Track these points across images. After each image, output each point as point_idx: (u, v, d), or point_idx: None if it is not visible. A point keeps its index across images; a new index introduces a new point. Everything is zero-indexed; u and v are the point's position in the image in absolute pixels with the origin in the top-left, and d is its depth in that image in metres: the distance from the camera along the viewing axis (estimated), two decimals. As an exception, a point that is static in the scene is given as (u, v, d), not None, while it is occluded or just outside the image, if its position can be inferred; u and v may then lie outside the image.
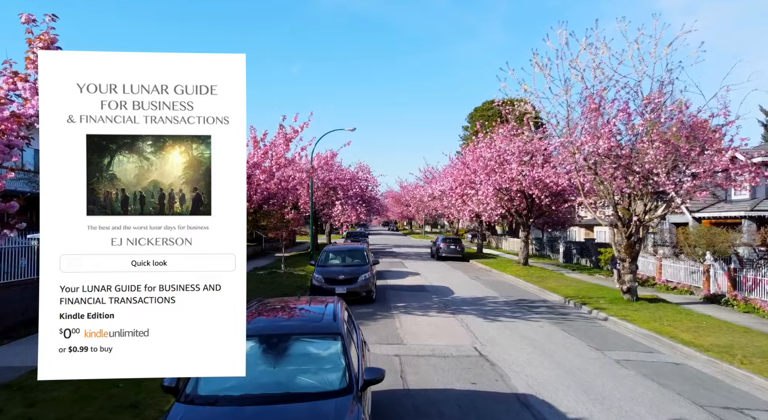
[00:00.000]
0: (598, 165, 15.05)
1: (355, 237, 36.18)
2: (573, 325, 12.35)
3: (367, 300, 14.99)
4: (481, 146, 25.35)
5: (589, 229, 44.63)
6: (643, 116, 14.17)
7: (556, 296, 16.85)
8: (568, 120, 15.87)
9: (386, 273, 23.33)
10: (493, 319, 12.77)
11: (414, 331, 11.29)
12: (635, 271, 15.23)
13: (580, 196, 16.96)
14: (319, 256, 16.32)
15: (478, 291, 18.16)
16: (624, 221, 15.32)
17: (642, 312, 13.51)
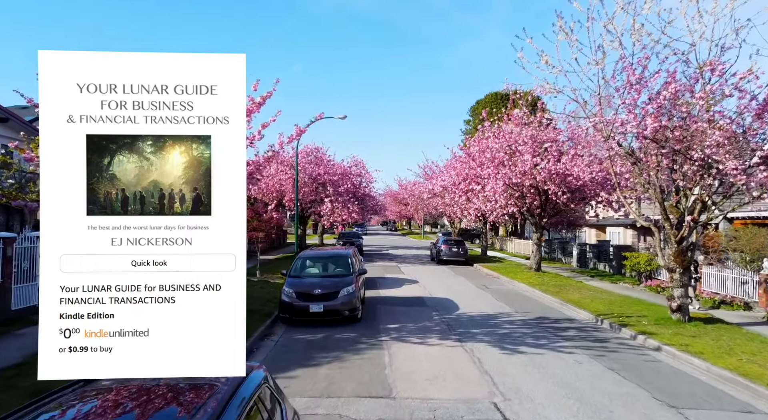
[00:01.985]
0: (644, 151, 11.98)
1: (348, 238, 33.03)
2: (619, 359, 9.30)
3: (350, 320, 11.90)
4: (488, 136, 22.26)
5: (600, 230, 41.54)
6: (704, 88, 11.09)
7: (584, 313, 13.78)
8: (600, 97, 12.79)
9: (379, 280, 20.26)
10: (512, 350, 9.71)
11: (408, 372, 8.23)
12: (687, 285, 12.16)
13: (615, 191, 13.89)
14: (292, 264, 13.18)
15: (488, 305, 15.08)
16: (672, 222, 12.25)
17: (703, 339, 10.45)
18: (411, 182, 43.11)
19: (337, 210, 26.74)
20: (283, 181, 26.91)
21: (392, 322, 12.28)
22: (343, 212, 26.77)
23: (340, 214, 26.73)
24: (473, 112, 51.24)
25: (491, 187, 21.25)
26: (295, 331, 11.21)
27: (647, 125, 11.10)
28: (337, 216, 26.88)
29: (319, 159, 28.37)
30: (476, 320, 12.69)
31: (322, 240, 41.74)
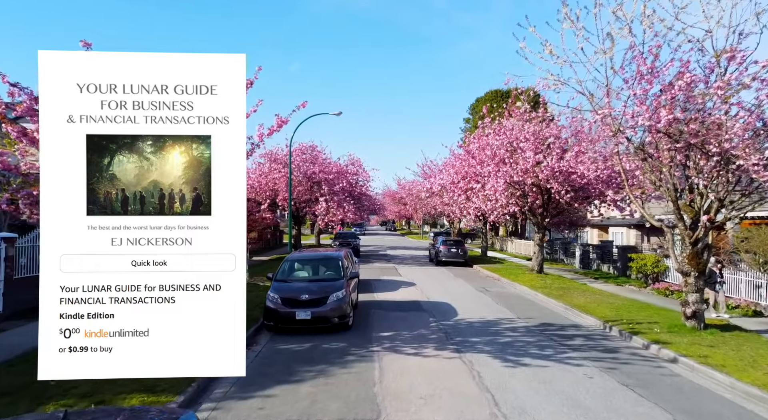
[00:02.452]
0: (655, 146, 11.14)
1: (344, 238, 32.12)
2: (633, 373, 8.46)
3: (340, 327, 11.06)
4: (488, 133, 21.41)
5: (602, 230, 40.71)
6: (721, 78, 10.25)
7: (591, 319, 12.94)
8: (608, 88, 11.95)
9: (375, 283, 19.41)
10: (515, 362, 8.87)
11: (400, 390, 7.39)
12: (703, 289, 11.30)
13: (624, 189, 13.05)
14: (279, 267, 12.31)
15: (489, 310, 14.24)
16: (686, 222, 11.41)
17: (722, 349, 9.62)
18: (410, 181, 42.30)
19: (332, 209, 25.87)
20: (277, 179, 26.03)
21: (386, 329, 11.43)
22: (339, 212, 25.89)
23: (336, 214, 25.85)
24: (473, 110, 50.37)
25: (491, 185, 20.39)
26: (280, 340, 10.37)
27: (661, 118, 10.27)
28: (332, 215, 26.00)
29: (314, 157, 27.49)
30: (476, 327, 11.85)
31: (318, 240, 40.87)
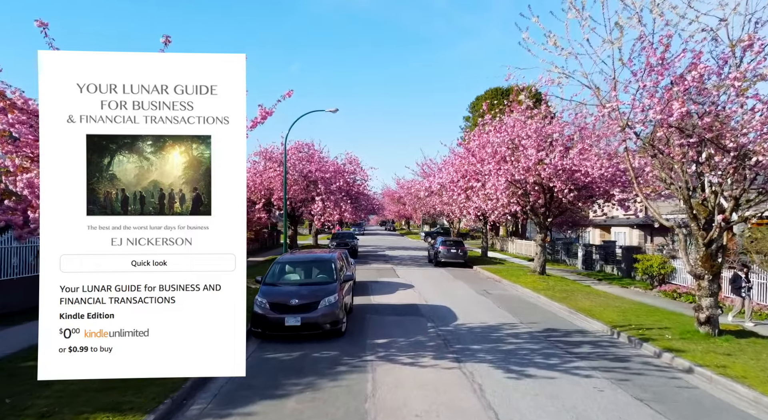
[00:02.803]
0: (666, 142, 10.51)
1: (342, 238, 31.48)
2: (647, 385, 7.82)
3: (332, 334, 10.42)
4: (488, 130, 20.75)
5: (605, 230, 40.13)
6: (737, 68, 9.62)
7: (597, 323, 12.31)
8: (615, 81, 11.32)
9: (372, 285, 18.77)
10: (519, 373, 8.23)
11: (394, 405, 6.75)
12: (717, 294, 10.67)
13: (633, 186, 12.42)
14: (268, 270, 11.64)
15: (490, 314, 13.59)
16: (699, 222, 10.78)
17: (740, 358, 8.99)
18: (409, 181, 41.66)
19: (329, 209, 25.21)
20: (272, 178, 25.38)
21: (381, 336, 10.80)
22: (336, 211, 25.24)
23: (332, 214, 25.19)
24: (473, 108, 49.72)
25: (492, 184, 19.74)
26: (268, 348, 9.73)
27: (673, 111, 9.63)
28: (329, 215, 25.35)
29: (310, 155, 26.82)
30: (476, 333, 11.22)
31: (316, 241, 40.23)
